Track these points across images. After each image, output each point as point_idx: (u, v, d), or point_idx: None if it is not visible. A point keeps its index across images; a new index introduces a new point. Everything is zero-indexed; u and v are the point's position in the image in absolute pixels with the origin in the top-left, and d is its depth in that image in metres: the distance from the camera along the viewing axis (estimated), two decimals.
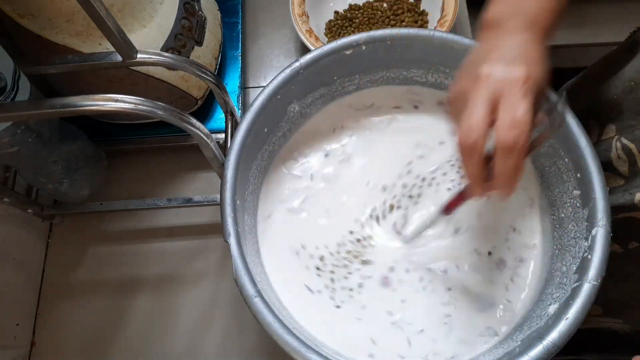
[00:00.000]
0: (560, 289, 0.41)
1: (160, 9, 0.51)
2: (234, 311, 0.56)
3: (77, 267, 0.59)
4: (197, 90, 0.56)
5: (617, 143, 0.43)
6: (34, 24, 0.44)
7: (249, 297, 0.38)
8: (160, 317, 0.56)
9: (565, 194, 0.45)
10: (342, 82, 0.52)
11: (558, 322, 0.37)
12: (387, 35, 0.48)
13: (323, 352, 0.38)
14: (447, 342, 0.44)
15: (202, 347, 0.55)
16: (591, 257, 0.39)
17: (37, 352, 0.56)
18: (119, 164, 0.63)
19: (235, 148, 0.44)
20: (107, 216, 0.61)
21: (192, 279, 0.58)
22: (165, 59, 0.43)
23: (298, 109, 0.51)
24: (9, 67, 0.40)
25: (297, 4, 0.65)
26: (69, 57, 0.43)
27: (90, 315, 0.57)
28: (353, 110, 0.54)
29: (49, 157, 0.48)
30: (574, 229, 0.43)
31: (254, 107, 0.46)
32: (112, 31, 0.38)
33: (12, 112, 0.38)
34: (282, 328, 0.37)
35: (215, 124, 0.61)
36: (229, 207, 0.42)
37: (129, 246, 0.60)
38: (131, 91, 0.39)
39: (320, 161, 0.52)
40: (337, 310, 0.46)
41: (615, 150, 0.43)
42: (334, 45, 0.48)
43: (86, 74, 0.48)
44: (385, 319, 0.45)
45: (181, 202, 0.57)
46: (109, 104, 0.37)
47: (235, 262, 0.40)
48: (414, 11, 0.67)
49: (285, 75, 0.47)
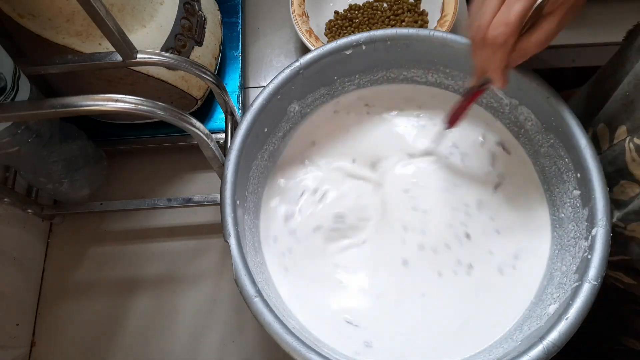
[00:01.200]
0: (560, 289, 0.41)
1: (160, 9, 0.51)
2: (234, 311, 0.56)
3: (77, 267, 0.59)
4: (197, 90, 0.56)
5: (630, 144, 0.42)
6: (34, 24, 0.44)
7: (249, 297, 0.38)
8: (160, 317, 0.56)
9: (565, 194, 0.45)
10: (342, 82, 0.52)
11: (558, 322, 0.37)
12: (387, 35, 0.48)
13: (323, 351, 0.38)
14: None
15: (202, 347, 0.55)
16: (591, 257, 0.39)
17: (37, 352, 0.56)
18: (119, 164, 0.63)
19: (235, 148, 0.44)
20: (107, 216, 0.61)
21: (192, 279, 0.58)
22: (165, 59, 0.43)
23: (298, 109, 0.51)
24: (9, 67, 0.40)
25: (297, 4, 0.65)
26: (69, 57, 0.43)
27: (90, 315, 0.57)
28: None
29: (49, 157, 0.48)
30: (573, 229, 0.43)
31: (254, 107, 0.46)
32: (112, 31, 0.38)
33: (12, 112, 0.38)
34: (282, 328, 0.37)
35: (215, 124, 0.61)
36: (229, 207, 0.42)
37: (129, 246, 0.60)
38: (131, 91, 0.39)
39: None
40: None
41: (629, 152, 0.42)
42: (334, 45, 0.48)
43: (86, 74, 0.48)
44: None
45: (181, 202, 0.57)
46: (109, 104, 0.37)
47: (235, 262, 0.40)
48: (414, 11, 0.67)
49: (285, 75, 0.47)
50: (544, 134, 0.47)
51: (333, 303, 0.46)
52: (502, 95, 0.49)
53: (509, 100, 0.49)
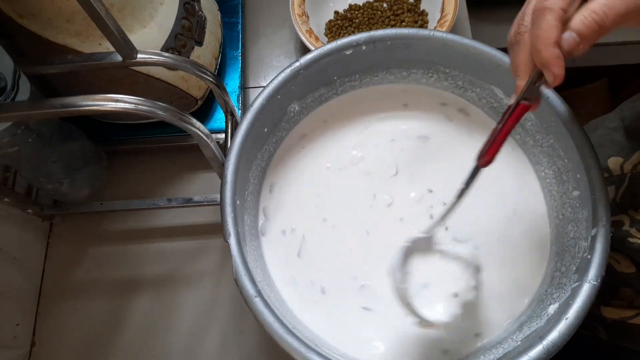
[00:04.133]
0: (560, 289, 0.41)
1: (160, 9, 0.51)
2: (234, 311, 0.56)
3: (77, 267, 0.59)
4: (197, 90, 0.56)
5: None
6: (34, 24, 0.44)
7: (249, 297, 0.38)
8: (160, 316, 0.56)
9: (564, 194, 0.45)
10: (342, 82, 0.52)
11: (558, 322, 0.37)
12: (387, 35, 0.48)
13: (323, 351, 0.38)
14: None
15: (202, 347, 0.55)
16: (591, 257, 0.39)
17: (37, 352, 0.56)
18: (119, 164, 0.63)
19: (235, 148, 0.44)
20: (107, 216, 0.61)
21: (192, 279, 0.58)
22: (165, 59, 0.43)
23: (298, 109, 0.51)
24: (9, 67, 0.40)
25: (297, 4, 0.65)
26: (69, 57, 0.43)
27: (90, 315, 0.57)
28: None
29: (49, 157, 0.48)
30: (573, 229, 0.43)
31: (254, 107, 0.46)
32: (112, 31, 0.38)
33: (12, 112, 0.38)
34: (282, 328, 0.37)
35: (215, 124, 0.61)
36: (229, 207, 0.42)
37: (129, 246, 0.60)
38: (131, 91, 0.39)
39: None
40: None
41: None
42: (334, 45, 0.48)
43: (86, 74, 0.48)
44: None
45: (181, 202, 0.57)
46: (109, 104, 0.37)
47: (235, 262, 0.40)
48: (414, 11, 0.67)
49: (285, 75, 0.47)
50: (543, 133, 0.47)
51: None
52: (502, 95, 0.49)
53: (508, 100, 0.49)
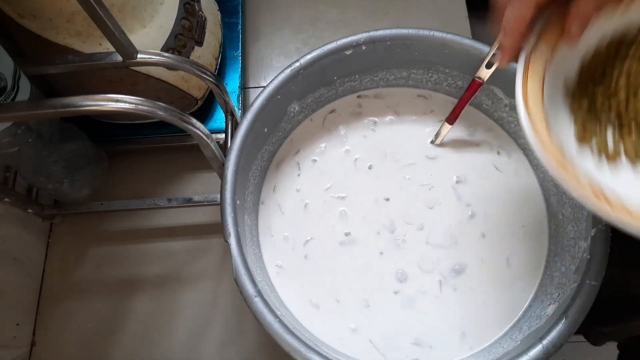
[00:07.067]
0: (560, 289, 0.41)
1: (160, 9, 0.51)
2: (234, 311, 0.56)
3: (77, 267, 0.59)
4: (197, 90, 0.56)
5: None
6: (34, 24, 0.44)
7: (249, 297, 0.38)
8: (160, 316, 0.56)
9: (564, 194, 0.45)
10: (342, 82, 0.52)
11: (558, 322, 0.37)
12: (387, 36, 0.48)
13: (323, 351, 0.38)
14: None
15: (202, 347, 0.55)
16: (591, 258, 0.39)
17: (37, 352, 0.56)
18: (119, 164, 0.63)
19: (235, 148, 0.44)
20: (107, 216, 0.61)
21: (192, 279, 0.58)
22: (165, 59, 0.43)
23: (298, 109, 0.51)
24: (9, 67, 0.40)
25: None
26: (69, 57, 0.43)
27: (90, 315, 0.57)
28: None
29: (49, 157, 0.48)
30: (573, 229, 0.43)
31: (254, 107, 0.46)
32: (112, 31, 0.38)
33: (13, 112, 0.38)
34: (282, 328, 0.37)
35: (215, 124, 0.61)
36: (229, 207, 0.42)
37: (129, 246, 0.60)
38: (131, 91, 0.39)
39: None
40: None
41: None
42: (333, 46, 0.48)
43: (86, 74, 0.48)
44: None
45: (181, 202, 0.57)
46: (109, 104, 0.37)
47: (235, 262, 0.40)
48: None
49: (285, 75, 0.47)
50: None
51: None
52: (502, 95, 0.49)
53: (508, 100, 0.49)
